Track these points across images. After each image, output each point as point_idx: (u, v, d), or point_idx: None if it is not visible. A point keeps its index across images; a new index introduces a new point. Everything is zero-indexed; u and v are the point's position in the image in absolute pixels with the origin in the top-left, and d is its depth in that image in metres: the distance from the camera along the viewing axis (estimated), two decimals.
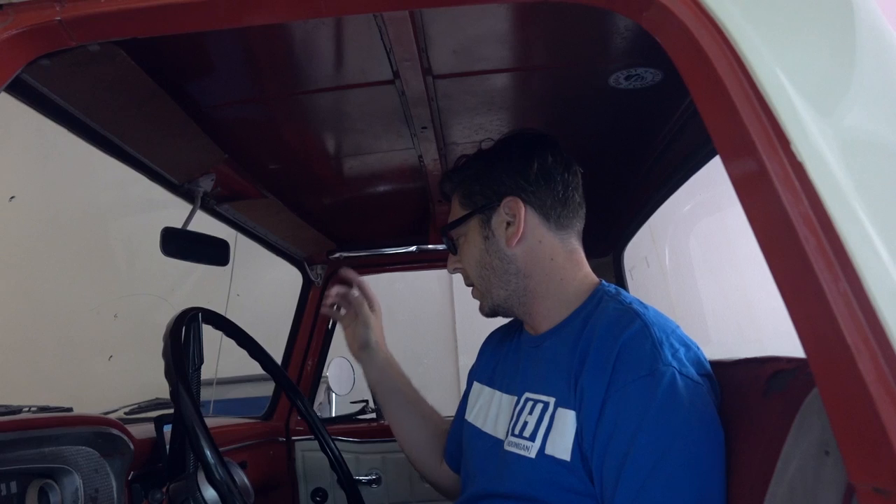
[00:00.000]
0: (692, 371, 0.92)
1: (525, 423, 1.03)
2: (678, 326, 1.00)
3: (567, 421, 0.96)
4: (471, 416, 1.24)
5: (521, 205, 1.10)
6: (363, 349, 1.41)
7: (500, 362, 1.25)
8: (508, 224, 1.11)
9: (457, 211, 1.19)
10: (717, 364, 0.98)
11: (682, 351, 0.94)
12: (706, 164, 1.35)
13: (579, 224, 1.16)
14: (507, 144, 1.18)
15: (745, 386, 0.92)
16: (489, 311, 1.18)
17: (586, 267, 1.15)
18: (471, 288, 1.20)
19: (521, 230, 1.10)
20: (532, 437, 1.00)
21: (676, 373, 0.90)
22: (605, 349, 0.95)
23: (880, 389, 0.46)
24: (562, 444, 0.95)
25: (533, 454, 0.98)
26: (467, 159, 1.20)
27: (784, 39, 0.59)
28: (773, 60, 0.57)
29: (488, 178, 1.14)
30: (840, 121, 0.56)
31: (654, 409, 0.88)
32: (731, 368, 0.97)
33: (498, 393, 1.18)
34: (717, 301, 3.81)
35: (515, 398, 1.09)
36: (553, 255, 1.12)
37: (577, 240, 1.15)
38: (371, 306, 1.43)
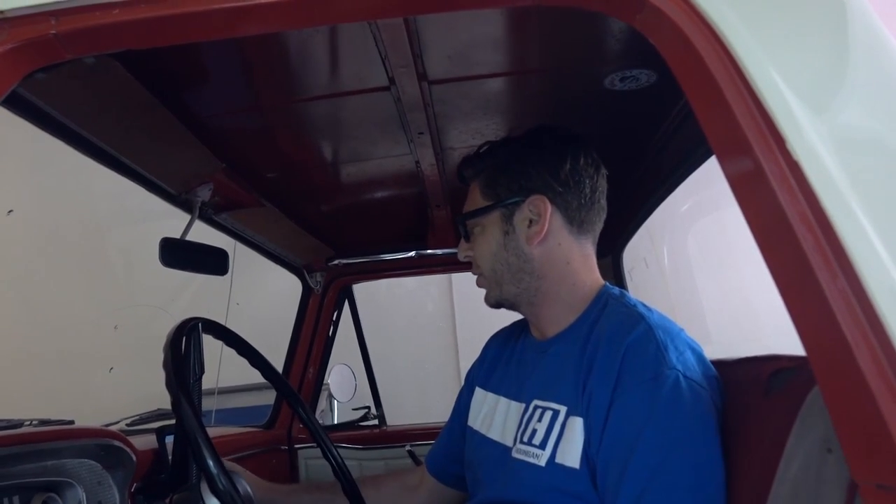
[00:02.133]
0: (696, 374, 0.91)
1: (534, 431, 1.02)
2: (683, 330, 1.00)
3: (576, 429, 0.95)
4: (476, 424, 1.22)
5: (548, 205, 1.08)
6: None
7: (503, 367, 1.24)
8: (531, 222, 1.09)
9: (476, 199, 1.15)
10: (717, 363, 0.98)
11: (687, 353, 0.94)
12: (702, 165, 1.36)
13: (598, 228, 1.14)
14: (539, 138, 1.13)
15: (746, 385, 0.92)
16: (494, 304, 1.16)
17: (597, 271, 1.14)
18: (477, 277, 1.17)
19: (545, 231, 1.08)
20: (542, 446, 0.99)
21: (680, 376, 0.89)
22: (610, 354, 0.95)
23: (881, 386, 0.46)
24: (572, 452, 0.95)
25: (543, 462, 0.98)
26: (493, 146, 1.16)
27: (777, 38, 0.59)
28: (766, 60, 0.57)
29: (516, 171, 1.10)
30: (835, 119, 0.57)
31: (657, 413, 0.88)
32: (731, 367, 0.97)
33: (504, 399, 1.17)
34: (717, 300, 3.81)
35: (524, 406, 1.08)
36: (569, 258, 1.10)
37: (592, 244, 1.14)
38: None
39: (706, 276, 3.97)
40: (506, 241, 1.10)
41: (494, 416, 1.17)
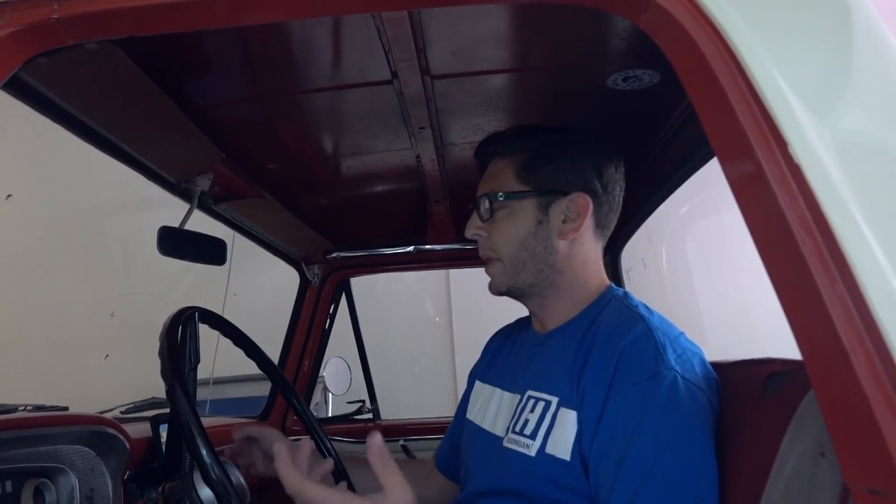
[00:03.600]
0: (695, 376, 0.92)
1: (526, 421, 1.03)
2: (683, 333, 1.00)
3: (568, 421, 0.96)
4: (471, 415, 1.24)
5: (590, 205, 1.08)
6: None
7: (503, 361, 1.25)
8: (566, 218, 1.09)
9: (508, 180, 1.12)
10: (713, 365, 0.98)
11: (686, 355, 0.94)
12: (704, 166, 1.36)
13: (610, 232, 1.17)
14: (582, 136, 1.13)
15: (741, 387, 0.92)
16: (503, 291, 1.14)
17: (604, 272, 1.15)
18: (487, 263, 1.15)
19: (581, 229, 1.08)
20: (533, 436, 1.00)
21: (678, 376, 0.90)
22: (607, 351, 0.95)
23: (876, 391, 0.46)
24: (562, 443, 0.95)
25: (533, 452, 0.98)
26: (529, 129, 1.15)
27: (782, 41, 0.59)
28: (770, 62, 0.57)
29: (565, 164, 1.10)
30: (837, 123, 0.56)
31: (653, 412, 0.88)
32: (727, 370, 0.98)
33: (499, 390, 1.18)
34: (714, 303, 3.82)
35: (518, 396, 1.09)
36: (587, 258, 1.12)
37: (603, 246, 1.16)
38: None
39: (704, 278, 3.98)
40: (537, 230, 1.09)
41: (488, 407, 1.18)
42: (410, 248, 2.08)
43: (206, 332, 1.25)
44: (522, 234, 1.10)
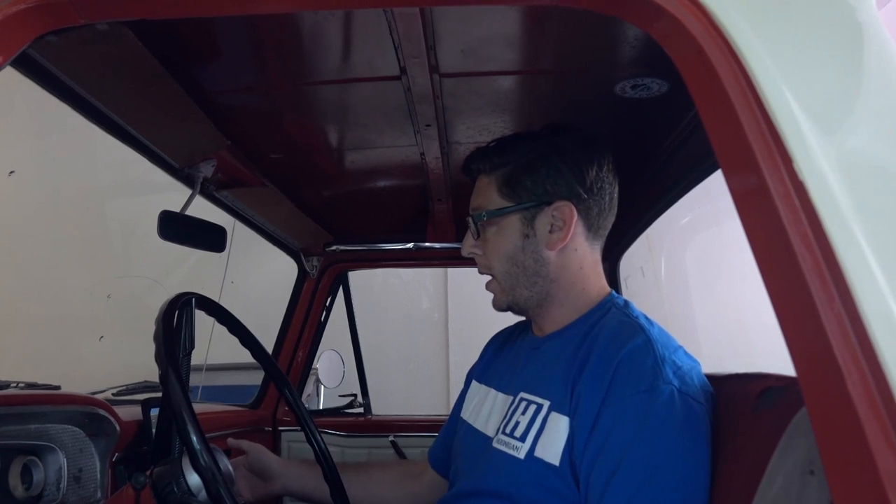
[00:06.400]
0: (693, 390, 0.91)
1: (517, 423, 1.03)
2: (681, 347, 0.99)
3: (560, 426, 0.96)
4: (465, 414, 1.24)
5: (574, 212, 1.06)
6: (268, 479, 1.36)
7: (500, 362, 1.25)
8: (552, 227, 1.07)
9: (492, 196, 1.11)
10: (707, 378, 0.98)
11: (684, 368, 0.93)
12: (707, 178, 1.36)
13: (607, 234, 1.15)
14: (563, 140, 1.10)
15: (734, 401, 0.92)
16: (504, 308, 1.15)
17: (604, 278, 1.14)
18: (487, 281, 1.15)
19: (568, 238, 1.06)
20: (522, 438, 1.00)
21: (676, 391, 0.89)
22: (605, 359, 0.95)
23: (868, 411, 0.46)
24: (552, 448, 0.95)
25: (522, 455, 0.98)
26: (511, 142, 1.13)
27: (792, 57, 0.59)
28: (780, 77, 0.57)
29: (543, 174, 1.07)
30: (844, 142, 0.56)
31: (649, 425, 0.88)
32: (720, 383, 0.98)
33: (493, 391, 1.18)
34: (711, 315, 3.82)
35: (511, 398, 1.09)
36: (583, 263, 1.10)
37: (601, 249, 1.14)
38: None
39: (702, 290, 3.98)
40: (525, 244, 1.09)
41: (482, 407, 1.18)
42: (410, 245, 2.08)
43: (201, 319, 1.25)
44: (511, 249, 1.09)
